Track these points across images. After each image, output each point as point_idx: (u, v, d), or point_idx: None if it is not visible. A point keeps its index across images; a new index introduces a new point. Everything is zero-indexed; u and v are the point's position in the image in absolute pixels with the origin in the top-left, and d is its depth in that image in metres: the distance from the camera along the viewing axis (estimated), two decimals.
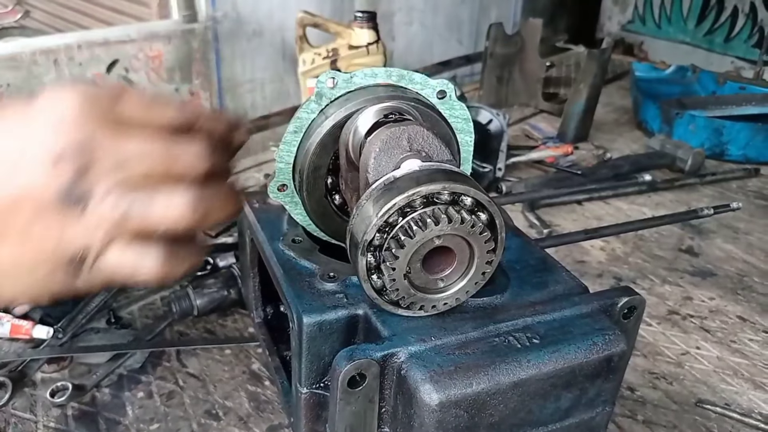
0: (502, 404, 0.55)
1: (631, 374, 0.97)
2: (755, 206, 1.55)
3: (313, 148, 0.64)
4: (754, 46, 2.49)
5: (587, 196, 1.53)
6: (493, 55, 2.04)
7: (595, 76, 1.79)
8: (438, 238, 0.53)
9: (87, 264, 0.41)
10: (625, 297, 0.63)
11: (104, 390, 0.90)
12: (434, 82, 0.66)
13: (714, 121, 1.78)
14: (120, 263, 0.41)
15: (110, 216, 0.39)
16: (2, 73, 1.58)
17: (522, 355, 0.56)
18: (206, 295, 1.01)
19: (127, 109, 0.40)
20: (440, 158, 0.58)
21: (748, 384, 0.98)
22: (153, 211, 0.40)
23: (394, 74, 0.65)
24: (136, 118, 0.40)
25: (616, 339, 0.59)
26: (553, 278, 0.67)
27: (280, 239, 0.71)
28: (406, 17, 2.52)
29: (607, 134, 1.95)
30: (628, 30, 2.96)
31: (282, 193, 0.68)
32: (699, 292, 1.20)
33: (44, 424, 0.84)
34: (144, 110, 0.41)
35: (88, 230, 0.39)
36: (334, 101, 0.65)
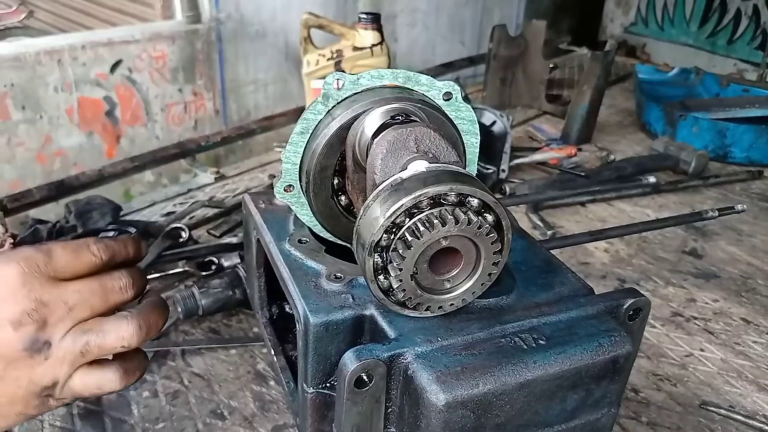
0: (509, 405, 0.55)
1: (636, 376, 0.97)
2: (759, 208, 1.55)
3: (319, 149, 0.64)
4: (757, 48, 2.49)
5: (591, 197, 1.54)
6: (497, 57, 2.05)
7: (599, 78, 1.79)
8: (445, 239, 0.53)
9: (57, 392, 0.51)
10: (630, 298, 0.63)
11: None
12: (440, 84, 0.66)
13: (717, 123, 1.78)
14: (85, 384, 0.52)
15: (72, 351, 0.50)
16: (6, 74, 1.59)
17: (528, 356, 0.56)
18: (211, 295, 1.01)
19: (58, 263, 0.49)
20: (447, 160, 0.58)
21: (752, 386, 0.98)
22: (107, 339, 0.51)
23: (401, 76, 0.65)
24: (68, 269, 0.50)
25: (621, 340, 0.59)
26: (559, 279, 0.67)
27: (286, 240, 0.72)
28: (409, 19, 2.52)
29: (610, 136, 1.96)
30: (630, 32, 2.96)
31: (288, 193, 0.68)
32: (703, 294, 1.20)
33: (50, 423, 0.84)
34: (72, 259, 0.50)
35: (55, 367, 0.49)
36: (340, 102, 0.65)
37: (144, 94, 1.88)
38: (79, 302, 0.50)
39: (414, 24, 2.55)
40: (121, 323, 0.52)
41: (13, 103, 1.63)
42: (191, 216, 1.37)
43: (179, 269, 1.15)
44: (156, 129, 1.94)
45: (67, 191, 1.36)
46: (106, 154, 1.86)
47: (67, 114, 1.74)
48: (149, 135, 1.93)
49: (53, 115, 1.71)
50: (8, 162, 1.67)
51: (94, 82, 1.77)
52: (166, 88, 1.91)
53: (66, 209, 1.16)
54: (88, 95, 1.76)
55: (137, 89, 1.86)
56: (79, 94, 1.74)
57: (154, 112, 1.92)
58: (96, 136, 1.83)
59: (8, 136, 1.65)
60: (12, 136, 1.66)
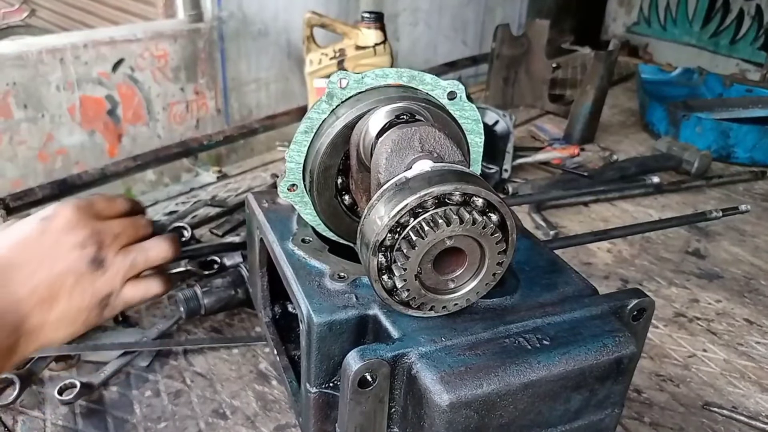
0: (512, 405, 0.55)
1: (638, 376, 0.97)
2: (762, 209, 1.54)
3: (323, 148, 0.64)
4: (760, 48, 2.48)
5: (594, 197, 1.53)
6: (500, 57, 2.04)
7: (602, 78, 1.79)
8: (449, 238, 0.53)
9: (112, 300, 0.67)
10: (634, 299, 0.63)
11: (112, 388, 0.90)
12: (445, 83, 0.66)
13: (721, 123, 1.78)
14: (134, 294, 0.70)
15: (123, 266, 0.67)
16: (9, 72, 1.58)
17: (532, 356, 0.55)
18: (214, 294, 1.01)
19: (98, 207, 0.68)
20: (451, 159, 0.58)
21: (755, 387, 0.97)
22: (149, 255, 0.70)
23: (405, 75, 0.65)
24: (105, 212, 0.69)
25: (625, 341, 0.59)
26: (563, 280, 0.67)
27: (289, 239, 0.71)
28: (411, 18, 2.52)
29: (613, 136, 1.95)
30: (633, 32, 2.95)
31: (292, 193, 0.68)
32: (706, 295, 1.20)
33: (52, 422, 0.84)
34: (107, 206, 0.70)
35: (111, 279, 0.66)
36: (344, 102, 0.65)
37: (146, 92, 1.88)
38: (121, 231, 0.67)
39: (416, 23, 2.55)
40: (157, 242, 0.72)
41: (15, 102, 1.63)
42: (193, 215, 1.37)
43: (181, 268, 1.15)
44: (158, 128, 1.94)
45: (70, 190, 1.36)
46: (108, 153, 1.86)
47: (69, 113, 1.74)
48: (151, 134, 1.93)
49: (55, 113, 1.71)
50: (10, 160, 1.67)
51: (96, 81, 1.76)
52: (168, 87, 1.91)
53: None
54: (90, 94, 1.76)
55: (139, 88, 1.86)
56: (81, 92, 1.74)
57: (156, 111, 1.92)
58: (98, 134, 1.82)
59: (10, 135, 1.65)
60: (14, 134, 1.66)
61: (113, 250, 0.66)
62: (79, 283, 0.63)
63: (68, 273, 0.62)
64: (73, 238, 0.63)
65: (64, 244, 0.62)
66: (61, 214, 0.64)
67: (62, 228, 0.63)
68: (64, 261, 0.62)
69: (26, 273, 0.61)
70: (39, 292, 0.61)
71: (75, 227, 0.63)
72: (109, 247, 0.65)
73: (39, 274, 0.61)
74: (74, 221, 0.64)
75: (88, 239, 0.64)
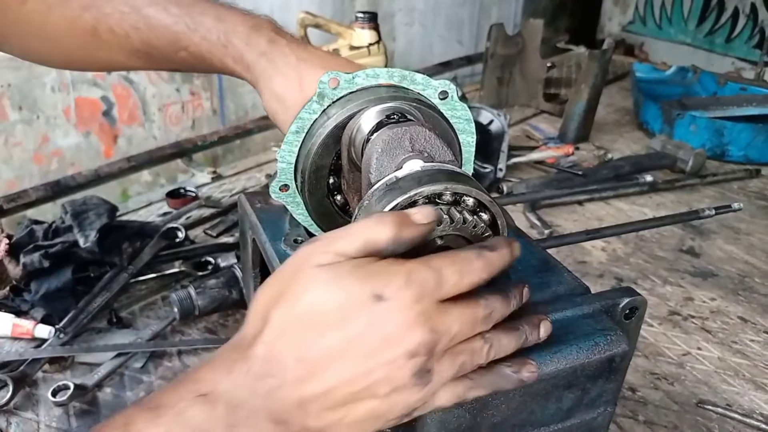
0: (504, 404, 0.55)
1: (633, 375, 0.97)
2: (756, 207, 1.55)
3: (315, 148, 0.64)
4: (754, 47, 2.49)
5: (588, 196, 1.54)
6: (494, 56, 2.04)
7: (596, 77, 1.79)
8: (440, 238, 0.53)
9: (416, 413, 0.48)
10: (626, 297, 0.63)
11: (106, 390, 0.90)
12: (436, 83, 0.66)
13: (715, 122, 1.78)
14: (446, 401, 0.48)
15: (447, 376, 0.47)
16: (3, 74, 1.58)
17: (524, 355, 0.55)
18: (208, 295, 1.01)
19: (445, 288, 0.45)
20: (442, 159, 0.58)
21: (749, 385, 0.98)
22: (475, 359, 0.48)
23: (396, 75, 0.65)
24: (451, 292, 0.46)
25: (617, 339, 0.59)
26: (555, 279, 0.67)
27: (281, 239, 0.71)
28: (406, 18, 2.52)
29: (608, 135, 1.96)
30: (628, 31, 2.96)
31: (284, 193, 0.68)
32: (700, 293, 1.20)
33: (46, 424, 0.84)
34: (458, 281, 0.46)
35: (428, 392, 0.46)
36: (336, 102, 0.64)
37: (141, 93, 1.88)
38: (459, 332, 0.46)
39: (411, 23, 2.55)
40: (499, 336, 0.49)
41: (10, 104, 1.62)
42: (188, 216, 1.37)
43: (175, 269, 1.15)
44: (153, 129, 1.94)
45: (64, 191, 1.36)
46: (103, 154, 1.86)
47: (64, 114, 1.74)
48: (146, 135, 1.93)
49: (50, 115, 1.71)
50: (5, 162, 1.67)
51: (91, 82, 1.76)
52: (164, 88, 1.91)
53: (62, 209, 1.16)
54: (85, 95, 1.76)
55: (134, 89, 1.86)
56: (76, 94, 1.74)
57: (151, 112, 1.92)
58: (93, 136, 1.82)
59: (5, 137, 1.65)
60: (9, 136, 1.65)
61: (441, 356, 0.46)
62: (390, 397, 0.45)
63: (384, 383, 0.44)
64: (406, 344, 0.43)
65: (391, 345, 0.43)
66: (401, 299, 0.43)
67: (397, 322, 0.43)
68: (385, 369, 0.44)
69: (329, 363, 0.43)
70: (336, 395, 0.43)
71: (412, 327, 0.43)
72: (438, 354, 0.46)
73: (344, 372, 0.43)
74: (414, 315, 0.44)
75: (422, 347, 0.44)
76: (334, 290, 0.43)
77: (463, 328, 0.46)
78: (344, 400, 0.44)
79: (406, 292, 0.44)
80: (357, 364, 0.43)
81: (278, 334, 0.43)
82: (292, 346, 0.43)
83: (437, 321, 0.44)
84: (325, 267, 0.44)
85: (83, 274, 1.07)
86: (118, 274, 1.07)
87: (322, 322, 0.43)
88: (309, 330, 0.43)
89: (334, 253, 0.45)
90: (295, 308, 0.44)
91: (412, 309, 0.44)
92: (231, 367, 0.43)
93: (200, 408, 0.41)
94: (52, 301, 1.01)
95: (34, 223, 1.14)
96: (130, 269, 1.08)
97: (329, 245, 0.45)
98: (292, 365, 0.43)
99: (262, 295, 0.46)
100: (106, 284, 1.05)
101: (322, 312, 0.43)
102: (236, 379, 0.42)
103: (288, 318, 0.43)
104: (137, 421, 0.41)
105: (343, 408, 0.44)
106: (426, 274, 0.44)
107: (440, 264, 0.45)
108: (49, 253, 1.02)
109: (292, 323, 0.43)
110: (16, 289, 1.05)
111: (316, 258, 0.45)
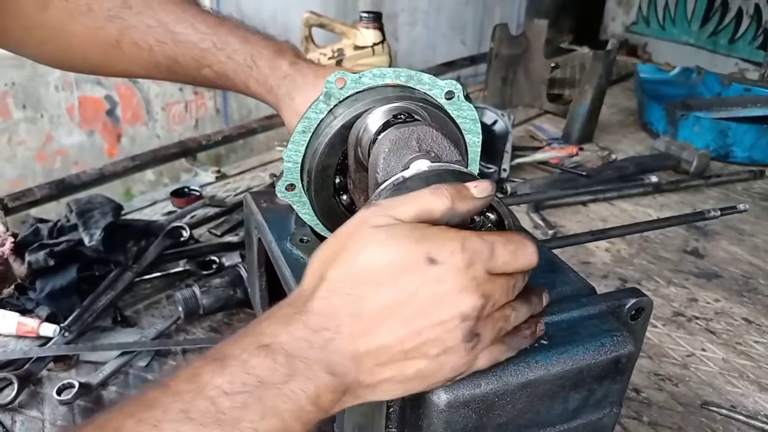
0: (510, 405, 0.55)
1: (637, 376, 0.97)
2: (761, 208, 1.54)
3: (321, 147, 0.64)
4: (758, 47, 2.48)
5: (592, 197, 1.53)
6: (498, 56, 2.04)
7: (600, 77, 1.79)
8: None
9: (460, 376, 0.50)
10: (632, 298, 0.63)
11: (111, 388, 0.90)
12: (442, 83, 0.66)
13: (719, 122, 1.78)
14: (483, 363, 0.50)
15: (489, 339, 0.49)
16: (6, 72, 1.59)
17: (530, 355, 0.55)
18: (212, 294, 1.01)
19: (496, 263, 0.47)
20: (449, 159, 0.58)
21: (753, 386, 0.98)
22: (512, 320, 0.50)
23: (403, 75, 0.65)
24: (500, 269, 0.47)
25: (623, 340, 0.59)
26: (561, 279, 0.67)
27: (287, 239, 0.71)
28: (410, 18, 2.52)
29: (612, 135, 1.95)
30: (632, 31, 2.96)
31: (290, 193, 0.68)
32: (704, 294, 1.20)
33: (51, 422, 0.84)
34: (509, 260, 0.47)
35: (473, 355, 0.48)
36: (342, 101, 0.65)
37: (145, 93, 1.88)
38: (500, 298, 0.48)
39: (415, 23, 2.55)
40: (526, 303, 0.52)
41: (14, 102, 1.63)
42: (192, 215, 1.37)
43: (180, 268, 1.15)
44: (157, 128, 1.94)
45: (68, 190, 1.36)
46: (107, 153, 1.86)
47: (68, 113, 1.74)
48: (150, 134, 1.93)
49: (54, 113, 1.71)
50: (9, 161, 1.67)
51: (95, 81, 1.76)
52: (167, 87, 1.91)
53: (67, 208, 1.16)
54: (88, 94, 1.76)
55: (138, 88, 1.86)
56: (79, 93, 1.74)
57: (154, 111, 1.92)
58: (97, 135, 1.83)
59: (9, 135, 1.65)
60: (13, 134, 1.66)
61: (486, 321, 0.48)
62: (439, 358, 0.46)
63: (434, 343, 0.46)
64: (460, 305, 0.45)
65: (444, 307, 0.45)
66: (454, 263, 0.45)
67: (451, 285, 0.45)
68: (437, 330, 0.45)
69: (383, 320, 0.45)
70: (389, 353, 0.45)
71: (466, 291, 0.45)
72: (484, 319, 0.47)
73: (397, 330, 0.45)
74: (467, 280, 0.45)
75: (473, 311, 0.45)
76: (389, 250, 0.44)
77: (501, 297, 0.48)
78: (396, 357, 0.45)
79: (460, 258, 0.45)
80: (409, 323, 0.45)
81: (334, 290, 0.45)
82: (347, 301, 0.44)
83: (486, 287, 0.46)
84: (382, 228, 0.45)
85: (88, 273, 1.07)
86: (123, 272, 1.07)
87: (377, 280, 0.44)
88: (363, 287, 0.44)
89: (391, 216, 0.46)
90: (351, 266, 0.45)
91: (465, 274, 0.45)
92: (289, 321, 0.44)
93: (262, 358, 0.43)
94: (57, 299, 1.01)
95: (39, 222, 1.14)
96: (134, 268, 1.09)
97: (387, 210, 0.47)
98: (347, 320, 0.44)
99: (319, 256, 0.47)
100: (111, 283, 1.05)
101: (376, 270, 0.44)
102: (294, 332, 0.44)
103: (343, 275, 0.45)
104: (204, 372, 0.43)
105: (395, 365, 0.46)
106: (480, 244, 0.46)
107: (493, 239, 0.47)
108: (54, 252, 1.02)
109: (347, 280, 0.45)
110: (21, 288, 1.05)
111: (373, 220, 0.46)
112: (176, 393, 0.42)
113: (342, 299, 0.44)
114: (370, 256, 0.45)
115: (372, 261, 0.45)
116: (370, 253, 0.45)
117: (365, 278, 0.44)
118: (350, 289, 0.45)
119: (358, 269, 0.45)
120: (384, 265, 0.44)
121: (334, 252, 0.46)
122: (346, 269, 0.45)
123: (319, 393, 0.44)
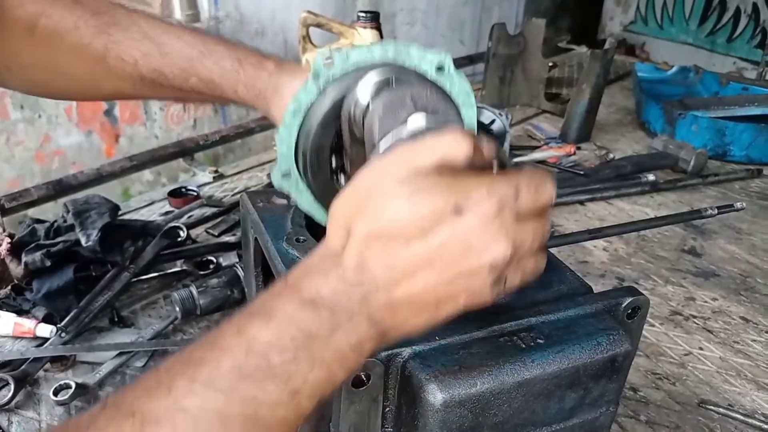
0: (506, 404, 0.55)
1: (634, 375, 0.97)
2: (758, 207, 1.54)
3: (314, 128, 0.63)
4: (756, 46, 2.49)
5: (590, 196, 1.53)
6: (496, 56, 2.04)
7: (598, 77, 1.79)
8: None
9: None
10: (629, 297, 0.63)
11: (108, 389, 0.90)
12: (431, 55, 0.63)
13: (717, 121, 1.78)
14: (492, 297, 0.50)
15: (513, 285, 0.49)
16: None
17: (526, 355, 0.55)
18: (209, 294, 1.01)
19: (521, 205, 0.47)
20: (446, 115, 0.57)
21: (751, 385, 0.98)
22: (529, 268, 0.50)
23: (391, 49, 0.64)
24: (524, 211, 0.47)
25: (620, 339, 0.59)
26: (558, 278, 0.67)
27: (284, 238, 0.71)
28: (408, 18, 2.52)
29: (609, 135, 1.95)
30: (630, 30, 2.96)
31: (286, 180, 0.67)
32: (702, 293, 1.20)
33: (47, 423, 0.84)
34: (532, 202, 0.47)
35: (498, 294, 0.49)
36: (332, 80, 0.64)
37: None
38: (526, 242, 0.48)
39: (413, 23, 2.55)
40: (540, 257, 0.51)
41: (12, 102, 1.63)
42: (189, 215, 1.37)
43: (177, 268, 1.15)
44: (155, 128, 1.94)
45: (66, 190, 1.36)
46: (105, 153, 1.86)
47: (66, 113, 1.74)
48: (148, 134, 1.93)
49: (52, 114, 1.71)
50: (7, 161, 1.67)
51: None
52: None
53: (64, 208, 1.15)
54: None
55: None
56: None
57: (152, 111, 1.92)
58: (95, 135, 1.82)
59: (7, 135, 1.65)
60: (11, 135, 1.66)
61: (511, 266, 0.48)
62: (468, 301, 0.48)
63: (465, 290, 0.47)
64: (488, 255, 0.45)
65: (474, 257, 0.45)
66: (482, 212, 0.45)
67: (480, 235, 0.45)
68: (467, 278, 0.46)
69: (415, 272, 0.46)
70: (422, 300, 0.47)
71: (495, 239, 0.45)
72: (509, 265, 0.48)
73: (429, 280, 0.46)
74: (495, 229, 0.45)
75: (503, 259, 0.46)
76: (415, 204, 0.44)
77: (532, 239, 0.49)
78: (429, 305, 0.47)
79: (487, 205, 0.45)
80: (441, 273, 0.46)
81: (364, 246, 0.46)
82: (379, 255, 0.45)
83: (515, 234, 0.46)
84: (405, 181, 0.45)
85: (85, 273, 1.06)
86: (120, 273, 1.07)
87: (406, 233, 0.45)
88: (393, 241, 0.45)
89: (412, 167, 0.46)
90: (378, 221, 0.45)
91: (493, 222, 0.45)
92: (327, 276, 0.46)
93: (308, 312, 0.45)
94: (53, 300, 1.01)
95: (36, 222, 1.14)
96: (131, 268, 1.08)
97: (406, 160, 0.46)
98: (380, 273, 0.45)
99: (339, 209, 0.48)
100: (108, 283, 1.05)
101: (404, 225, 0.45)
102: (335, 287, 0.46)
103: (372, 230, 0.45)
104: (250, 328, 0.44)
105: (428, 312, 0.48)
106: (505, 188, 0.46)
107: (517, 180, 0.47)
108: (51, 252, 1.02)
109: (376, 235, 0.45)
110: (17, 288, 1.05)
111: (394, 171, 0.46)
112: (224, 349, 0.44)
113: (373, 254, 0.45)
114: (395, 212, 0.45)
115: (399, 216, 0.45)
116: (395, 207, 0.45)
117: (394, 233, 0.45)
118: (380, 244, 0.45)
119: (386, 225, 0.45)
120: (412, 219, 0.45)
121: (356, 205, 0.47)
122: (374, 224, 0.45)
123: (362, 342, 0.46)
